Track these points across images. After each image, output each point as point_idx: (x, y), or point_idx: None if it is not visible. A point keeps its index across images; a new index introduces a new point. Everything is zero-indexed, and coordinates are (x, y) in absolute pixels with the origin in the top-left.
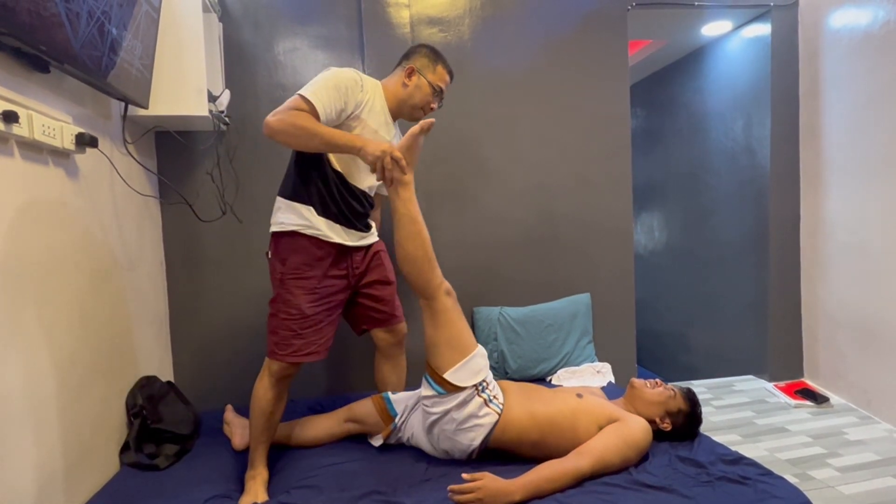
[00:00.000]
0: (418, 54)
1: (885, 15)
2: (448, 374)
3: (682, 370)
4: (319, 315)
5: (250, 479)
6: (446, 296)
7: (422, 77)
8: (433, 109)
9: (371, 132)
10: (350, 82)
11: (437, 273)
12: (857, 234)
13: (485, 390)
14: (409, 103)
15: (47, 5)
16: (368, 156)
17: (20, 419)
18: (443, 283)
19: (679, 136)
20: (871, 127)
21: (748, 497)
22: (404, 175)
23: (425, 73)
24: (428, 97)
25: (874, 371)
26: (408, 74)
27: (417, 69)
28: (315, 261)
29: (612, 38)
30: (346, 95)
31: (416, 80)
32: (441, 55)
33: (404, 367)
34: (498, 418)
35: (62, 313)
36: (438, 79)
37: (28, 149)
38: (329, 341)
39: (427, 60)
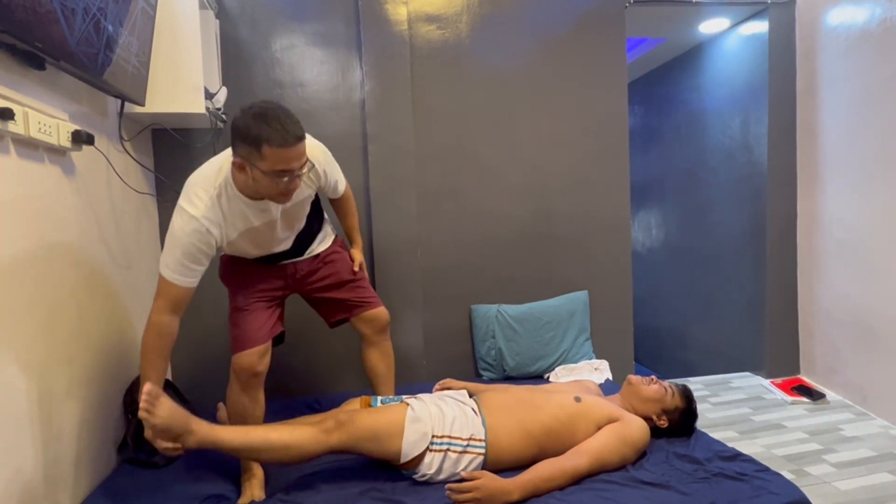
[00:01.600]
0: (237, 138)
1: (882, 12)
2: (403, 460)
3: (679, 367)
4: (251, 305)
5: (246, 482)
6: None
7: (254, 169)
8: (295, 188)
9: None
10: (194, 240)
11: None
12: (854, 232)
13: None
14: (263, 194)
15: (43, 2)
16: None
17: (18, 417)
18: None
19: (676, 134)
20: (868, 124)
21: (745, 493)
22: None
23: (254, 162)
24: (273, 186)
25: (870, 368)
26: (239, 168)
27: (244, 160)
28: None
29: (610, 36)
30: (202, 252)
31: (250, 173)
32: (267, 122)
33: (391, 353)
34: (485, 453)
35: (59, 311)
36: (273, 163)
37: (24, 146)
38: (266, 327)
39: (248, 147)
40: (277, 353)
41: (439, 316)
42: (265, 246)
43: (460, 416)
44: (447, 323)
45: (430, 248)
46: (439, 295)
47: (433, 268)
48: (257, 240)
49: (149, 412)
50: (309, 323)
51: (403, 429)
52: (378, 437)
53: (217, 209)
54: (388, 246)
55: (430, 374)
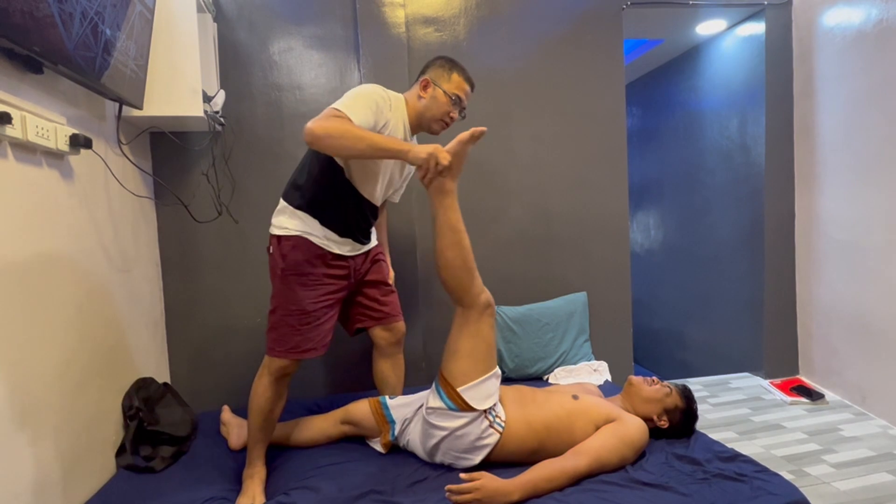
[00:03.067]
0: (433, 65)
1: (879, 13)
2: (462, 389)
3: (678, 368)
4: (319, 312)
5: (248, 478)
6: (484, 309)
7: (437, 87)
8: (453, 120)
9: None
10: (380, 100)
11: (476, 283)
12: (852, 232)
13: (491, 412)
14: (426, 116)
15: (40, 6)
16: (416, 159)
17: (16, 422)
18: (482, 294)
19: (674, 135)
20: (865, 125)
21: (744, 494)
22: (447, 181)
23: (440, 82)
24: (445, 108)
25: (868, 368)
26: (423, 87)
27: (432, 80)
28: (316, 258)
29: (608, 37)
30: (377, 112)
31: (431, 92)
32: (458, 64)
33: (403, 365)
34: (500, 437)
35: (57, 315)
36: (455, 87)
37: (22, 150)
38: (327, 338)
39: (441, 70)
40: None
41: (439, 317)
42: (380, 174)
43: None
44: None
45: (430, 250)
46: (439, 296)
47: (433, 269)
48: (388, 168)
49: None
50: None
51: (492, 372)
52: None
53: (396, 101)
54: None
55: (430, 375)
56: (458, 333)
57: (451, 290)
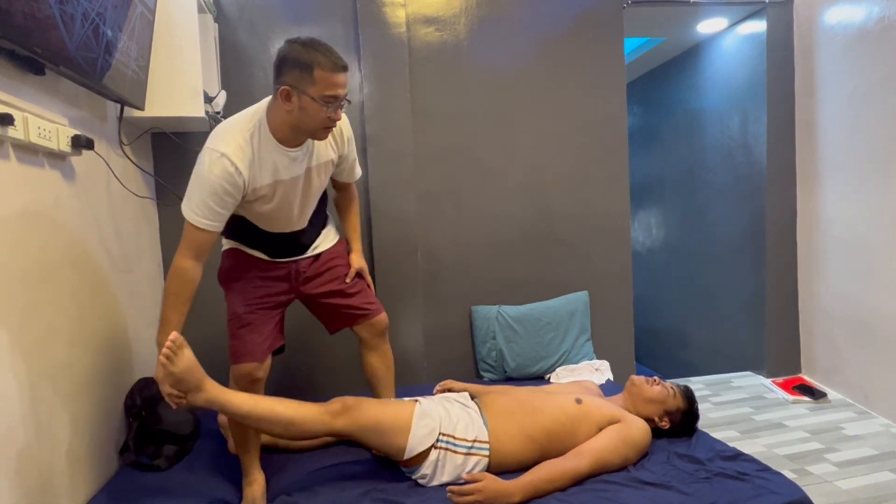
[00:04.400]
0: (286, 65)
1: (880, 11)
2: (406, 457)
3: (679, 367)
4: (252, 315)
5: (247, 487)
6: (340, 417)
7: (302, 96)
8: (337, 120)
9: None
10: (223, 180)
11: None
12: (853, 230)
13: (451, 443)
14: (303, 129)
15: (42, 7)
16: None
17: (19, 421)
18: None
19: (675, 134)
20: (866, 123)
21: (746, 493)
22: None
23: (303, 87)
24: (319, 115)
25: (871, 366)
26: (285, 98)
27: (292, 87)
28: (248, 262)
29: (608, 36)
30: (229, 194)
31: (296, 102)
32: (316, 49)
33: (391, 356)
34: (488, 456)
35: (60, 315)
36: (323, 87)
37: (23, 151)
38: (267, 344)
39: (299, 71)
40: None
41: (440, 317)
42: (286, 211)
43: (465, 419)
44: (447, 324)
45: (430, 250)
46: (439, 296)
47: (433, 269)
48: (282, 201)
49: (169, 359)
50: (308, 325)
51: (411, 425)
52: (382, 430)
53: (248, 149)
54: (387, 247)
55: (431, 375)
56: (358, 439)
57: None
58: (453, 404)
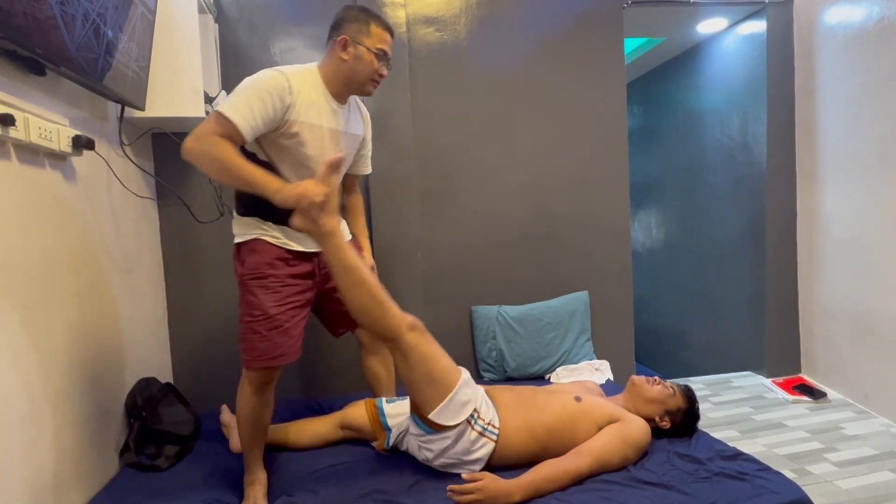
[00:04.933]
0: (347, 20)
1: (880, 11)
2: (433, 414)
3: (679, 367)
4: (284, 315)
5: (248, 485)
6: (410, 332)
7: (358, 46)
8: (383, 77)
9: (313, 130)
10: (272, 87)
11: (392, 313)
12: (853, 230)
13: (477, 421)
14: (354, 80)
15: (42, 8)
16: (286, 201)
17: (20, 421)
18: (403, 320)
19: (675, 134)
20: (866, 123)
21: (746, 492)
22: (326, 220)
23: (361, 39)
24: (371, 66)
25: (871, 366)
26: (343, 47)
27: (351, 38)
28: (276, 259)
29: (608, 36)
30: (272, 102)
31: (352, 52)
32: (372, 13)
33: (391, 358)
34: (495, 446)
35: (60, 316)
36: (377, 41)
37: (24, 152)
38: (299, 343)
39: (358, 24)
40: None
41: (440, 317)
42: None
43: (484, 401)
44: (448, 324)
45: (431, 250)
46: (440, 296)
47: (433, 269)
48: (316, 149)
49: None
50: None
51: (454, 387)
52: (433, 374)
53: (302, 79)
54: (388, 247)
55: None
56: (404, 367)
57: (370, 330)
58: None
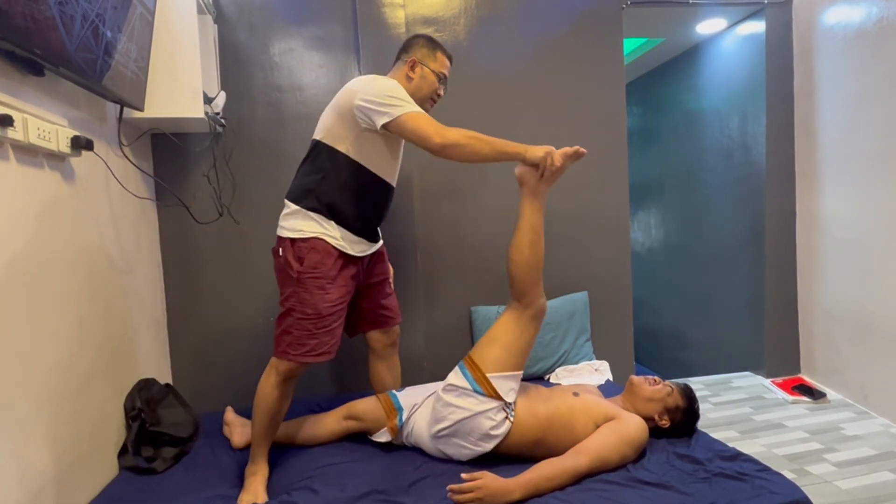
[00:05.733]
0: (416, 45)
1: (879, 12)
2: (493, 376)
3: (679, 367)
4: (334, 315)
5: (251, 475)
6: (539, 311)
7: (425, 67)
8: (440, 97)
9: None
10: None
11: (540, 286)
12: (853, 230)
13: (510, 405)
14: (418, 96)
15: (41, 9)
16: (535, 158)
17: (18, 423)
18: (541, 298)
19: (675, 134)
20: (865, 123)
21: (745, 493)
22: (544, 186)
23: (427, 62)
24: (434, 86)
25: (870, 366)
26: (411, 67)
27: (419, 60)
28: (335, 259)
29: (607, 37)
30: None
31: (419, 72)
32: (438, 43)
33: (399, 366)
34: (511, 427)
35: (59, 317)
36: (440, 66)
37: (23, 152)
38: (338, 342)
39: (427, 50)
40: None
41: (439, 317)
42: (396, 153)
43: None
44: (448, 324)
45: (430, 250)
46: (439, 296)
47: (433, 269)
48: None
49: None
50: None
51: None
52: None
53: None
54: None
55: (431, 375)
56: (505, 325)
57: (517, 286)
58: None
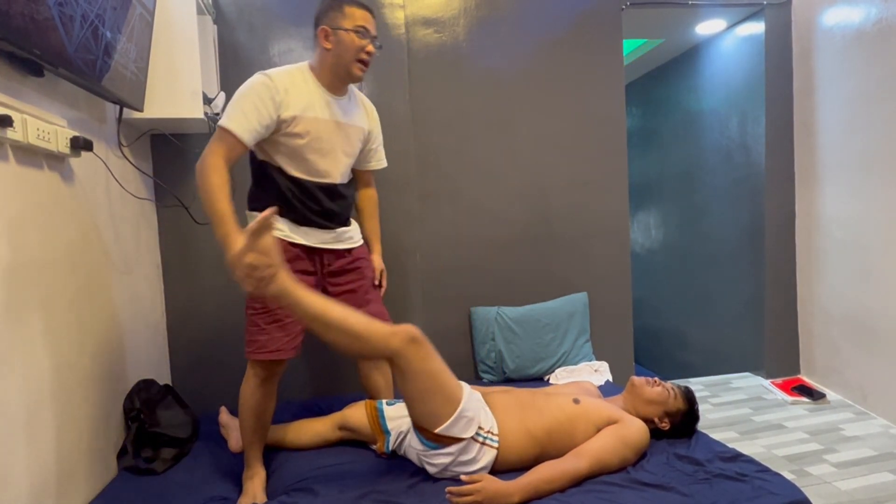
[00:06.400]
0: (322, 12)
1: (878, 12)
2: (442, 429)
3: (679, 368)
4: (283, 310)
5: (248, 480)
6: (408, 346)
7: (337, 31)
8: (371, 54)
9: (317, 122)
10: (260, 90)
11: (375, 339)
12: (852, 231)
13: (479, 434)
14: (341, 65)
15: (41, 9)
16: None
17: (17, 424)
18: (395, 335)
19: (674, 135)
20: (865, 124)
21: (745, 494)
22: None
23: (338, 23)
24: (354, 46)
25: (870, 367)
26: (324, 37)
27: (329, 26)
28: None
29: (607, 38)
30: (262, 105)
31: (333, 38)
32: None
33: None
34: (497, 449)
35: (58, 317)
36: (353, 21)
37: (22, 153)
38: (297, 340)
39: (332, 11)
40: None
41: (439, 318)
42: (321, 152)
43: (482, 409)
44: (447, 325)
45: (430, 251)
46: (439, 297)
47: (432, 270)
48: (317, 140)
49: (262, 229)
50: None
51: (461, 400)
52: (437, 387)
53: (290, 77)
54: (387, 248)
55: None
56: (402, 383)
57: (366, 359)
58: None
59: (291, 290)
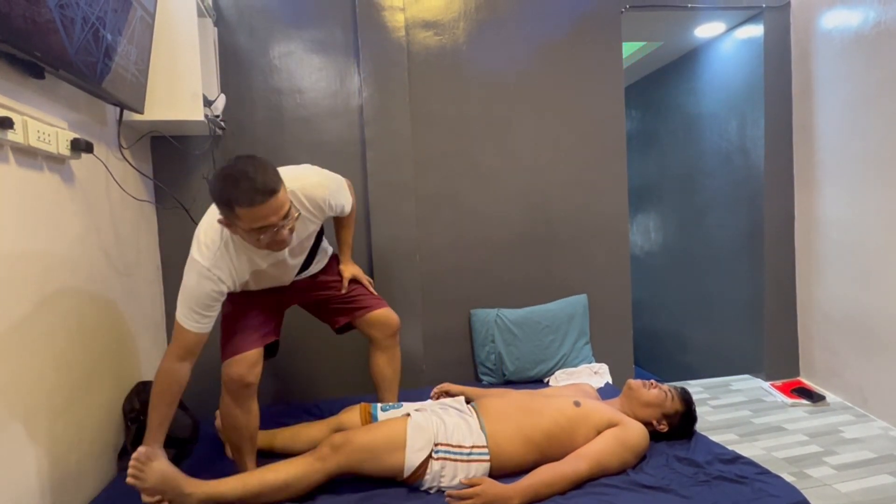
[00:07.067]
0: (215, 202)
1: (876, 16)
2: (408, 474)
3: (678, 370)
4: (245, 305)
5: None
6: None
7: (236, 227)
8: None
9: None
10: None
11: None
12: (852, 233)
13: (450, 451)
14: (255, 249)
15: (42, 12)
16: None
17: (17, 425)
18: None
19: (673, 138)
20: (863, 126)
21: (745, 496)
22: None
23: (234, 222)
24: (259, 243)
25: (869, 369)
26: (227, 226)
27: (224, 220)
28: None
29: (607, 41)
30: (210, 302)
31: (236, 231)
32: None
33: (399, 358)
34: (489, 461)
35: (59, 319)
36: (249, 222)
37: (23, 155)
38: (258, 333)
39: (224, 209)
40: (277, 358)
41: (439, 320)
42: (279, 280)
43: (462, 425)
44: (447, 327)
45: (429, 253)
46: (438, 299)
47: (432, 272)
48: (265, 280)
49: (137, 477)
50: (309, 327)
51: (405, 440)
52: (378, 454)
53: (226, 258)
54: (387, 251)
55: (430, 378)
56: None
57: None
58: (449, 412)
59: (208, 493)
